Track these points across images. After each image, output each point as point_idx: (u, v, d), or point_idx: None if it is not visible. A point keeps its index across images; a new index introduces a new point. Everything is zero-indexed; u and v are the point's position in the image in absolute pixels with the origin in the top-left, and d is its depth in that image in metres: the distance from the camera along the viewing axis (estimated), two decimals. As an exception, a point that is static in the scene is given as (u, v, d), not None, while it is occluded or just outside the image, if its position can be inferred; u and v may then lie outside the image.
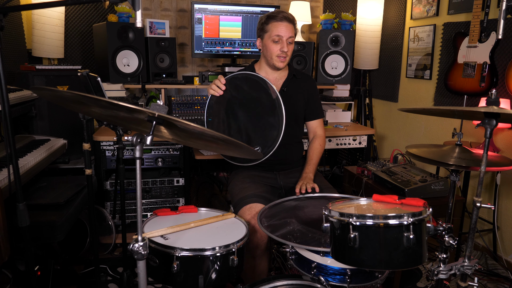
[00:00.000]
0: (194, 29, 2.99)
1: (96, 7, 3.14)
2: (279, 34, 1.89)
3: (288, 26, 1.90)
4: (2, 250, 1.36)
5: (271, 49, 1.92)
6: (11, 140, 1.20)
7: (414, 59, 3.27)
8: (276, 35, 1.89)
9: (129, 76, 2.83)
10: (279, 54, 1.92)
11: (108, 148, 2.56)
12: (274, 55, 1.93)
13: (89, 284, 2.21)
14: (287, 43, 1.90)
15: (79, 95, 1.06)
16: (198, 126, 1.08)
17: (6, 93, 1.20)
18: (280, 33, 1.89)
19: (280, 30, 1.89)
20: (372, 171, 2.39)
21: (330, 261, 1.36)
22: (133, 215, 2.69)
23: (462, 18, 2.78)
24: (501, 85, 2.42)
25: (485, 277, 2.35)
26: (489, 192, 2.63)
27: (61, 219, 1.75)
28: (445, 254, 1.34)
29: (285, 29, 1.89)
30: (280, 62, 1.94)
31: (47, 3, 1.29)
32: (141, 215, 1.11)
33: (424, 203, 1.30)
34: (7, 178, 1.46)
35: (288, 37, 1.90)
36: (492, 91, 1.29)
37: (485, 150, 1.27)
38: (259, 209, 1.78)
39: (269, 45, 1.92)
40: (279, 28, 1.89)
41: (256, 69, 2.07)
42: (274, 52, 1.92)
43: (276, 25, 1.89)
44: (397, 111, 3.55)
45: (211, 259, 1.33)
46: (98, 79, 1.86)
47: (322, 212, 1.26)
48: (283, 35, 1.89)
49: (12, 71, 2.53)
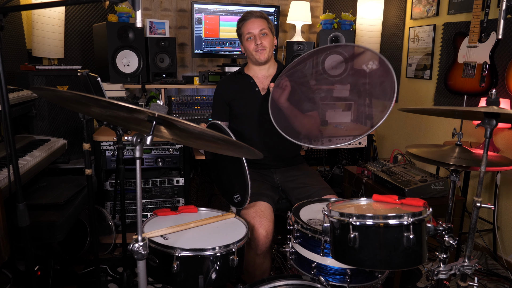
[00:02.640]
0: (194, 29, 2.99)
1: (96, 7, 3.14)
2: (250, 31, 2.00)
3: (256, 21, 2.00)
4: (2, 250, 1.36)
5: (248, 47, 2.03)
6: (11, 140, 1.20)
7: (414, 59, 3.27)
8: (247, 33, 2.01)
9: (129, 76, 2.83)
10: (255, 48, 2.00)
11: (108, 148, 2.56)
12: (253, 51, 2.02)
13: (89, 284, 2.20)
14: (260, 35, 2.00)
15: (79, 95, 1.06)
16: (198, 126, 1.08)
17: (6, 93, 1.20)
18: (250, 30, 2.00)
19: (249, 27, 2.00)
20: (372, 171, 2.39)
21: (330, 261, 1.37)
22: (133, 215, 2.69)
23: (462, 18, 2.78)
24: (501, 85, 2.42)
25: (485, 277, 2.35)
26: (489, 192, 2.63)
27: (61, 219, 1.74)
28: (445, 254, 1.34)
29: (253, 25, 2.00)
30: (260, 55, 2.02)
31: (47, 3, 1.29)
32: (141, 215, 1.11)
33: (424, 203, 1.30)
34: (7, 178, 1.46)
35: (259, 30, 2.00)
36: (492, 91, 1.29)
37: (485, 150, 1.27)
38: (264, 207, 1.78)
39: (246, 45, 2.03)
40: (248, 26, 2.01)
41: (245, 70, 2.14)
42: (251, 48, 2.02)
43: (245, 24, 2.02)
44: (397, 111, 3.55)
45: (211, 259, 1.33)
46: (98, 79, 1.86)
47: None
48: (253, 30, 1.99)
49: (12, 71, 2.53)
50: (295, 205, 1.64)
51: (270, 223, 1.75)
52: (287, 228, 1.53)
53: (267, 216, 1.75)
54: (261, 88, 2.09)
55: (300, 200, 1.73)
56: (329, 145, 1.94)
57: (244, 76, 2.12)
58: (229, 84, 2.15)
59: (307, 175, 2.06)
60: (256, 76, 2.10)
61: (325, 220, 1.30)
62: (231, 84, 2.14)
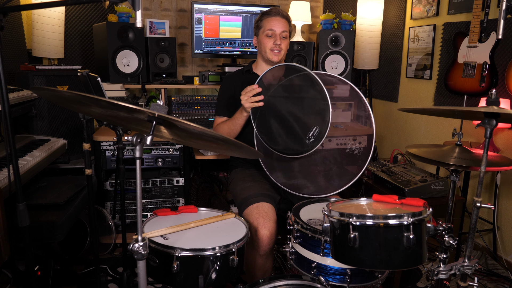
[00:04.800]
0: (194, 29, 2.99)
1: (96, 7, 3.14)
2: (272, 28, 1.95)
3: (281, 21, 1.96)
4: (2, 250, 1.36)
5: (265, 43, 1.97)
6: (11, 140, 1.20)
7: (414, 59, 3.27)
8: (270, 29, 1.95)
9: (129, 76, 2.83)
10: (273, 47, 1.97)
11: (108, 148, 2.56)
12: (268, 49, 1.98)
13: (89, 284, 2.20)
14: (280, 37, 1.96)
15: (79, 95, 1.06)
16: (198, 126, 1.08)
17: (6, 93, 1.20)
18: (273, 27, 1.95)
19: (273, 24, 1.95)
20: (372, 171, 2.39)
21: (330, 261, 1.37)
22: (133, 215, 2.69)
23: (462, 18, 2.78)
24: (501, 85, 2.41)
25: (485, 277, 2.35)
26: (489, 192, 2.63)
27: (61, 219, 1.74)
28: (445, 254, 1.34)
29: (278, 23, 1.95)
30: (275, 56, 1.98)
31: (47, 3, 1.29)
32: (141, 215, 1.11)
33: (424, 203, 1.30)
34: (7, 178, 1.46)
35: (281, 31, 1.96)
36: (492, 91, 1.29)
37: (485, 150, 1.27)
38: (267, 208, 1.78)
39: (263, 40, 1.98)
40: (272, 22, 1.95)
41: (253, 68, 2.11)
42: (268, 46, 1.97)
43: (269, 20, 1.96)
44: (397, 111, 3.55)
45: (211, 259, 1.33)
46: (98, 79, 1.86)
47: None
48: (276, 29, 1.95)
49: (12, 71, 2.53)
50: (295, 205, 1.64)
51: (273, 224, 1.75)
52: (287, 228, 1.53)
53: (270, 216, 1.75)
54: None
55: (301, 200, 1.73)
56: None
57: (253, 74, 2.09)
58: (237, 80, 2.10)
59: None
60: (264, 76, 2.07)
61: (325, 220, 1.30)
62: (238, 81, 2.09)
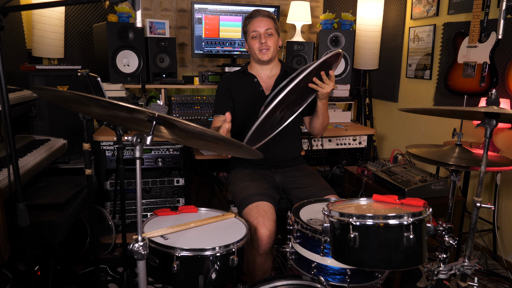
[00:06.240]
0: (194, 29, 2.99)
1: (96, 7, 3.14)
2: (255, 29, 2.01)
3: (263, 20, 2.01)
4: (2, 250, 1.36)
5: (252, 45, 2.04)
6: (11, 140, 1.20)
7: (414, 59, 3.27)
8: (253, 31, 2.01)
9: (129, 76, 2.83)
10: (259, 47, 2.01)
11: (108, 148, 2.56)
12: (257, 50, 2.03)
13: (89, 284, 2.20)
14: (265, 35, 2.01)
15: (79, 95, 1.05)
16: (198, 126, 1.08)
17: (6, 93, 1.20)
18: (256, 28, 2.01)
19: (256, 25, 2.01)
20: (372, 171, 2.39)
21: (330, 261, 1.36)
22: (133, 215, 2.69)
23: (462, 18, 2.78)
24: (501, 85, 2.41)
25: (485, 277, 2.35)
26: (489, 192, 2.63)
27: (61, 219, 1.75)
28: (445, 254, 1.34)
29: (259, 23, 2.01)
30: (263, 54, 2.02)
31: (47, 3, 1.29)
32: (141, 215, 1.11)
33: (424, 203, 1.30)
34: (7, 178, 1.46)
35: (264, 30, 2.01)
36: (492, 91, 1.29)
37: (485, 150, 1.27)
38: (266, 207, 1.78)
39: (251, 43, 2.04)
40: (255, 24, 2.02)
41: (248, 69, 2.14)
42: (255, 47, 2.03)
43: (252, 22, 2.03)
44: (397, 111, 3.55)
45: (211, 259, 1.33)
46: (98, 79, 1.86)
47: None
48: (259, 29, 2.01)
49: (12, 71, 2.53)
50: (295, 205, 1.64)
51: (273, 223, 1.75)
52: (287, 228, 1.53)
53: (269, 216, 1.75)
54: (265, 88, 2.08)
55: (301, 200, 1.73)
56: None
57: (248, 75, 2.12)
58: (233, 81, 2.14)
59: (308, 176, 2.06)
60: (259, 76, 2.10)
61: (325, 220, 1.29)
62: (235, 81, 2.13)
